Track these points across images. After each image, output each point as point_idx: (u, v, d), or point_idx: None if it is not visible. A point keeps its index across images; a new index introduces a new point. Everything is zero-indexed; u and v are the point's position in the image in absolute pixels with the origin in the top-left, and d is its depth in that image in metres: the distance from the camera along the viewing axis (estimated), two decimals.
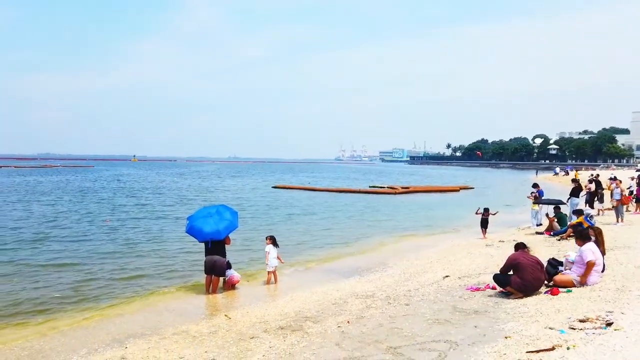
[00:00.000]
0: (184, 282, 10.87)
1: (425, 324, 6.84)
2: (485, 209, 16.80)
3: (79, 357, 6.39)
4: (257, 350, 6.30)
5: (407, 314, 7.52)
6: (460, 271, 10.74)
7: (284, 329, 7.18)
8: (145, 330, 7.60)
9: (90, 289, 10.19)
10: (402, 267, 12.06)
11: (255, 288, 10.53)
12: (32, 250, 13.85)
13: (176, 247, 14.73)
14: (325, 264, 13.03)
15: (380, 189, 43.99)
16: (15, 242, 15.05)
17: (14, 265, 12.01)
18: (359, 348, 6.01)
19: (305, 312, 8.11)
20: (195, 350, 6.46)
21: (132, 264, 12.51)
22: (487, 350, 5.40)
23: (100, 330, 7.70)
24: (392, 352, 5.75)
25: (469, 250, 13.87)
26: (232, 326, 7.54)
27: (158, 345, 6.72)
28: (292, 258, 13.57)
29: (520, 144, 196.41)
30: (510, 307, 7.24)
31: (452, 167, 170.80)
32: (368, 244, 16.29)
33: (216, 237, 9.91)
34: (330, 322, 7.34)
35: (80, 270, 11.66)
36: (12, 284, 10.32)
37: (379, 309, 7.99)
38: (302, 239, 16.98)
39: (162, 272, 11.71)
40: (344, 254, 14.52)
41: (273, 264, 10.66)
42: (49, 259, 12.78)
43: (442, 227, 20.71)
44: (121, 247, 14.61)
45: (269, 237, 10.96)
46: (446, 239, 16.96)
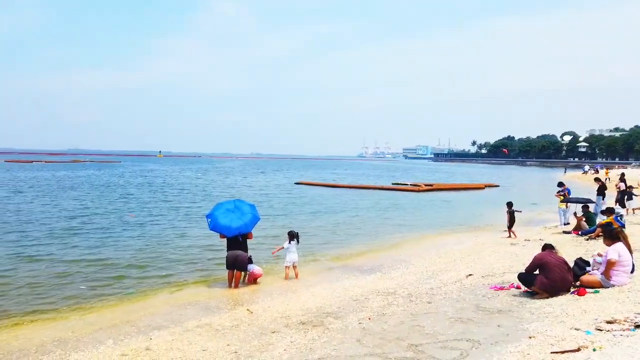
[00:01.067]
0: (207, 276, 11.03)
1: (448, 323, 6.77)
2: (508, 203, 16.37)
3: (106, 348, 6.55)
4: (279, 344, 6.35)
5: (429, 311, 7.45)
6: (484, 270, 10.59)
7: (305, 324, 7.21)
8: (169, 322, 7.75)
9: (115, 281, 10.43)
10: (425, 264, 11.96)
11: (276, 283, 10.61)
12: (59, 244, 14.24)
13: (199, 242, 14.93)
14: (346, 260, 13.02)
15: (404, 186, 43.66)
16: (45, 236, 15.50)
17: (43, 258, 12.37)
18: (380, 345, 5.99)
19: (326, 308, 8.13)
20: (218, 343, 6.55)
21: (156, 258, 12.74)
22: (511, 349, 5.31)
23: (125, 322, 7.88)
24: (413, 349, 5.71)
25: (494, 248, 13.66)
26: (254, 320, 7.62)
27: (181, 338, 6.84)
28: (314, 254, 13.61)
29: (548, 141, 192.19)
30: (535, 307, 7.10)
31: (478, 164, 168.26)
32: (390, 241, 16.20)
33: (244, 230, 10.07)
34: (351, 319, 7.34)
35: (105, 264, 11.94)
36: (41, 276, 10.62)
37: (401, 306, 7.95)
38: (323, 235, 17.00)
39: (186, 266, 11.90)
40: (366, 250, 14.49)
41: (291, 259, 10.72)
42: (76, 252, 13.12)
43: (465, 224, 20.45)
44: (145, 242, 14.89)
45: (290, 233, 11.02)
46: (470, 237, 16.73)
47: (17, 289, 9.64)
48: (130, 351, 6.31)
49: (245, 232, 10.13)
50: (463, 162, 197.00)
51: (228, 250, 10.09)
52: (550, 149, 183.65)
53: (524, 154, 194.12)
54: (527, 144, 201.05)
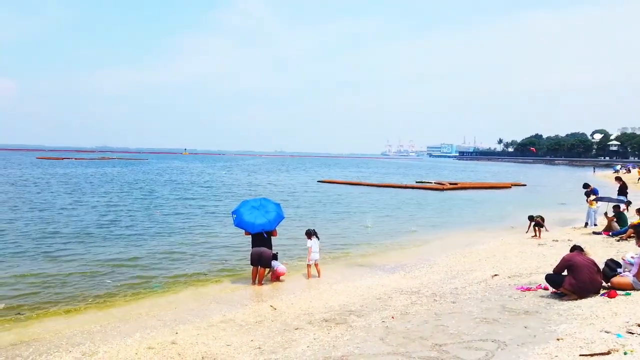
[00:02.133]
0: (231, 272, 11.15)
1: (472, 323, 6.69)
2: (535, 216, 15.93)
3: (133, 341, 6.69)
4: (302, 341, 6.38)
5: (454, 311, 7.37)
6: (510, 270, 10.41)
7: (328, 322, 7.22)
8: (194, 317, 7.87)
9: (141, 276, 10.63)
10: (449, 264, 11.83)
11: (299, 280, 10.65)
12: (86, 239, 14.60)
13: (224, 239, 15.11)
14: (369, 258, 12.97)
15: (428, 184, 43.25)
16: (72, 231, 15.93)
17: (70, 252, 12.71)
18: (403, 344, 5.96)
19: (350, 306, 8.13)
20: (242, 338, 6.63)
21: (181, 254, 12.94)
22: (538, 351, 5.21)
23: (151, 316, 8.04)
24: (437, 349, 5.66)
25: (520, 249, 13.41)
26: (277, 317, 7.67)
27: (206, 332, 6.94)
28: (337, 252, 13.62)
29: (577, 139, 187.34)
30: (563, 309, 6.95)
31: (504, 163, 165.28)
32: (414, 240, 16.08)
33: (267, 227, 10.14)
34: (374, 317, 7.32)
35: (131, 259, 12.18)
36: (68, 271, 10.89)
37: (424, 305, 7.89)
38: (346, 234, 16.98)
39: (210, 262, 12.06)
40: (389, 249, 14.41)
41: (313, 257, 10.76)
42: (102, 248, 13.43)
43: (491, 224, 20.12)
44: (171, 238, 15.14)
45: (309, 231, 11.04)
46: (496, 236, 16.46)
47: (46, 282, 9.92)
48: (157, 344, 6.43)
49: (269, 230, 10.21)
50: (489, 161, 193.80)
51: (253, 247, 10.19)
52: (580, 147, 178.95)
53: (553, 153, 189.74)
54: (556, 143, 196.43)
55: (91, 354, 6.19)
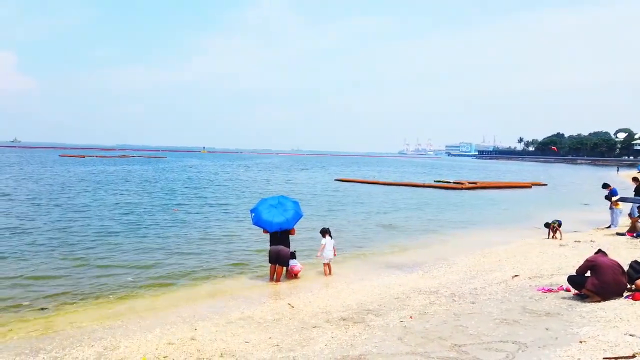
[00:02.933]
0: (249, 270, 11.21)
1: (492, 324, 6.61)
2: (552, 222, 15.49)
3: (153, 336, 6.78)
4: (319, 339, 6.38)
5: (473, 312, 7.30)
6: (531, 271, 10.26)
7: (346, 321, 7.22)
8: (212, 314, 7.93)
9: (159, 273, 10.75)
10: (468, 264, 11.71)
11: (317, 279, 10.66)
12: (106, 235, 14.84)
13: (242, 236, 15.20)
14: (387, 257, 12.91)
15: (446, 183, 42.85)
16: (92, 227, 16.22)
17: (91, 248, 12.93)
18: (421, 344, 5.92)
19: (367, 305, 8.11)
20: (260, 335, 6.66)
21: (199, 251, 13.05)
22: (560, 354, 5.13)
23: (171, 312, 8.13)
24: (456, 350, 5.62)
25: (542, 249, 13.20)
26: (295, 314, 7.69)
27: (225, 329, 7.00)
28: (354, 251, 13.59)
29: (600, 138, 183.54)
30: (585, 311, 6.83)
31: (524, 162, 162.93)
32: (432, 240, 15.96)
33: (285, 226, 10.17)
34: (392, 317, 7.29)
35: (150, 255, 12.34)
36: (88, 266, 11.09)
37: (443, 305, 7.82)
38: (363, 232, 16.94)
39: (228, 259, 12.14)
40: (407, 248, 14.32)
41: (328, 256, 10.76)
42: (121, 244, 13.61)
43: (511, 224, 19.84)
44: (188, 235, 15.27)
45: (324, 229, 11.04)
46: (516, 236, 16.23)
47: (68, 278, 10.11)
48: (177, 340, 6.51)
49: (287, 229, 10.25)
50: (509, 160, 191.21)
51: (271, 245, 10.24)
52: (603, 146, 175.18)
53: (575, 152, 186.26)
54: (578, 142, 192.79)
55: (113, 348, 6.30)
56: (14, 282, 9.65)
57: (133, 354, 6.07)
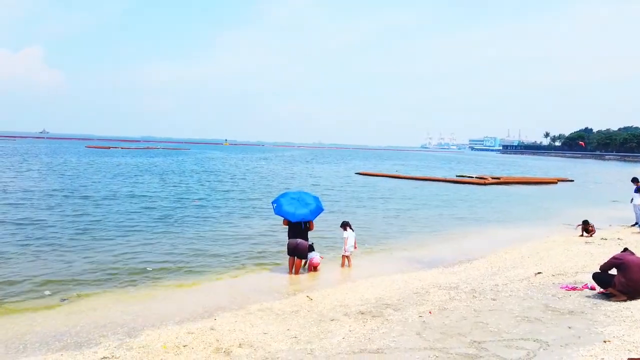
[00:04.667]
0: (268, 262, 11.26)
1: (513, 321, 6.51)
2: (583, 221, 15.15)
3: (174, 324, 6.89)
4: (337, 332, 6.38)
5: (494, 309, 7.19)
6: (555, 268, 10.05)
7: (364, 314, 7.19)
8: (232, 304, 8.01)
9: (179, 263, 10.88)
10: (490, 260, 11.54)
11: (335, 272, 10.67)
12: (127, 225, 15.11)
13: (261, 229, 15.28)
14: (407, 252, 12.82)
15: (469, 178, 42.28)
16: (112, 217, 16.53)
17: (111, 238, 13.16)
18: (440, 339, 5.86)
19: (386, 299, 8.07)
20: (278, 327, 6.70)
21: (219, 242, 13.17)
22: (583, 353, 5.02)
23: (191, 302, 8.24)
24: (475, 346, 5.54)
25: (566, 246, 12.92)
26: (313, 307, 7.70)
27: (244, 320, 7.05)
28: (373, 245, 13.54)
29: (630, 133, 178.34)
30: (611, 310, 6.66)
31: (551, 157, 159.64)
32: (453, 235, 15.76)
33: (307, 217, 10.26)
34: (411, 311, 7.23)
35: (170, 246, 12.49)
36: (109, 256, 11.28)
37: (463, 301, 7.73)
38: (384, 226, 16.85)
39: (248, 251, 12.22)
40: (427, 243, 14.19)
41: (348, 247, 10.77)
42: (141, 234, 13.82)
43: (535, 220, 19.47)
44: (208, 227, 15.42)
45: (345, 223, 11.03)
46: (540, 233, 15.91)
47: (91, 267, 10.32)
48: (196, 329, 6.59)
49: (309, 220, 10.30)
50: (534, 155, 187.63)
51: (289, 238, 10.28)
52: (633, 142, 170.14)
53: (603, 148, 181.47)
54: (607, 137, 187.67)
55: (134, 336, 6.42)
56: (36, 270, 9.90)
57: (154, 342, 6.17)
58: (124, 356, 5.66)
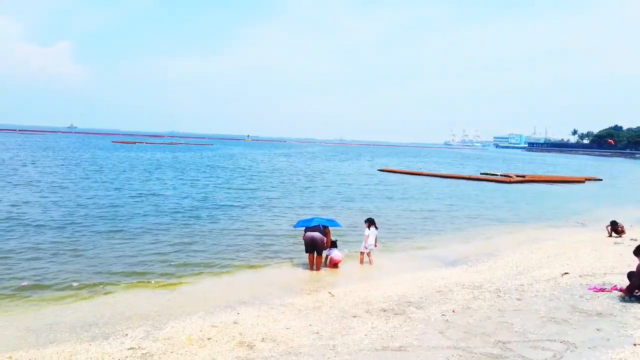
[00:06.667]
0: (290, 258, 11.29)
1: (539, 322, 6.40)
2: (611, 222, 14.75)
3: (198, 318, 6.99)
4: (359, 329, 6.38)
5: (519, 309, 7.09)
6: (582, 269, 9.84)
7: (387, 312, 7.17)
8: (254, 299, 8.08)
9: (203, 258, 11.02)
10: (514, 259, 11.36)
11: (357, 268, 10.66)
12: (153, 220, 15.35)
13: (283, 226, 15.34)
14: (430, 250, 12.71)
15: (493, 176, 41.62)
16: (136, 212, 16.83)
17: (135, 232, 13.38)
18: (464, 339, 5.81)
19: (409, 297, 8.02)
20: (301, 322, 6.73)
21: (241, 238, 13.27)
22: (611, 356, 4.91)
23: (214, 296, 8.35)
24: (500, 346, 5.47)
25: (594, 247, 12.62)
26: (335, 303, 7.71)
27: (267, 314, 7.12)
28: (396, 242, 13.46)
29: None
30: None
31: (578, 155, 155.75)
32: (477, 234, 15.55)
33: (325, 223, 10.73)
34: (434, 310, 7.18)
35: (193, 241, 12.63)
36: (133, 249, 11.49)
37: (487, 301, 7.63)
38: (407, 224, 16.73)
39: (269, 247, 12.29)
40: (451, 241, 14.04)
41: (368, 245, 10.78)
42: (165, 229, 14.01)
43: (561, 220, 19.07)
44: (231, 222, 15.53)
45: (368, 220, 11.02)
46: (567, 233, 15.59)
47: (117, 260, 10.55)
48: (220, 323, 6.68)
49: (325, 225, 10.58)
50: (561, 153, 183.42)
51: (305, 232, 10.37)
52: None
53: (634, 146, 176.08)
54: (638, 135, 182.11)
55: (160, 328, 6.54)
56: (65, 262, 10.16)
57: (178, 333, 6.29)
58: (150, 347, 5.78)
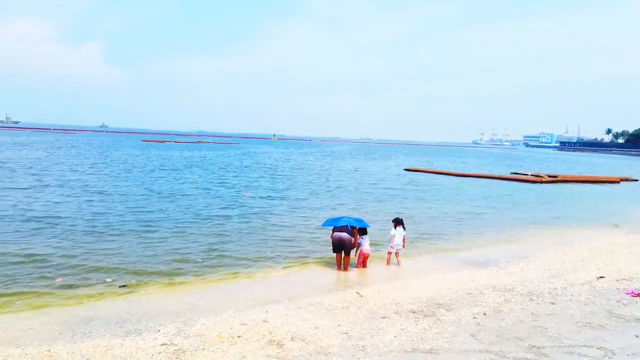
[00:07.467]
0: (318, 258, 11.30)
1: (574, 327, 6.23)
2: None
3: (228, 316, 7.06)
4: (389, 330, 6.34)
5: (553, 313, 6.92)
6: (619, 273, 9.53)
7: (416, 313, 7.10)
8: (283, 298, 8.12)
9: (231, 256, 11.13)
10: (547, 262, 11.09)
11: (385, 269, 10.60)
12: (180, 218, 15.59)
13: (311, 225, 15.36)
14: (459, 252, 12.53)
15: (524, 176, 40.73)
16: (165, 211, 17.12)
17: (163, 231, 13.60)
18: (496, 342, 5.70)
19: (438, 299, 7.93)
20: (329, 322, 6.73)
21: (269, 237, 13.34)
22: None
23: (243, 294, 8.43)
24: (534, 351, 5.35)
25: (632, 249, 12.21)
26: (364, 304, 7.68)
27: (295, 313, 7.14)
28: (425, 243, 13.32)
29: None
30: None
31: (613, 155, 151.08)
32: (507, 235, 15.25)
33: (353, 222, 10.62)
34: (464, 312, 7.07)
35: (221, 239, 12.74)
36: (162, 247, 11.68)
37: (520, 304, 7.47)
38: (435, 225, 16.53)
39: (297, 247, 12.32)
40: (481, 242, 13.81)
41: (395, 245, 10.71)
42: (193, 227, 14.20)
43: (596, 221, 18.51)
44: (258, 222, 15.58)
45: (395, 219, 10.94)
46: (602, 234, 15.13)
47: (146, 257, 10.76)
48: (250, 321, 6.74)
49: (354, 225, 10.51)
50: (594, 153, 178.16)
51: (333, 232, 10.35)
52: None
53: None
54: None
55: (191, 325, 6.65)
56: (98, 259, 10.42)
57: (209, 330, 6.37)
58: (182, 344, 5.88)
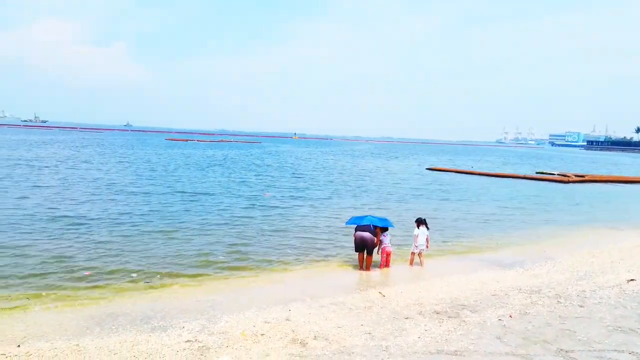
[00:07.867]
0: (340, 257, 11.29)
1: (604, 330, 6.07)
2: None
3: (251, 314, 7.10)
4: (412, 331, 6.28)
5: (581, 316, 6.75)
6: None
7: (440, 314, 7.02)
8: (305, 296, 8.12)
9: (254, 255, 11.18)
10: (574, 263, 10.83)
11: (407, 269, 10.52)
12: (208, 217, 15.75)
13: (333, 224, 15.35)
14: (484, 252, 12.34)
15: (550, 175, 39.89)
16: (187, 209, 17.32)
17: (186, 228, 13.75)
18: (523, 345, 5.59)
19: (462, 300, 7.82)
20: (352, 321, 6.70)
21: (293, 236, 13.37)
22: None
23: (266, 292, 8.47)
24: (563, 355, 5.23)
25: None
26: (387, 304, 7.63)
27: (317, 312, 7.14)
28: (449, 244, 13.17)
29: None
30: None
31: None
32: (533, 235, 14.95)
33: (376, 222, 10.52)
34: (489, 314, 6.96)
35: (242, 238, 12.81)
36: (185, 245, 11.81)
37: (547, 307, 7.32)
38: (459, 225, 16.32)
39: (319, 246, 12.31)
40: (506, 243, 13.57)
41: (419, 245, 10.60)
42: (215, 226, 14.32)
43: (626, 222, 18.00)
44: (282, 221, 15.63)
45: (419, 220, 10.84)
46: (632, 236, 14.70)
47: (169, 255, 10.90)
48: (272, 319, 6.77)
49: (377, 224, 10.43)
50: (623, 152, 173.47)
51: (355, 231, 10.31)
52: None
53: None
54: None
55: (215, 322, 6.71)
56: (124, 257, 10.60)
57: (233, 328, 6.42)
58: (206, 341, 5.93)
